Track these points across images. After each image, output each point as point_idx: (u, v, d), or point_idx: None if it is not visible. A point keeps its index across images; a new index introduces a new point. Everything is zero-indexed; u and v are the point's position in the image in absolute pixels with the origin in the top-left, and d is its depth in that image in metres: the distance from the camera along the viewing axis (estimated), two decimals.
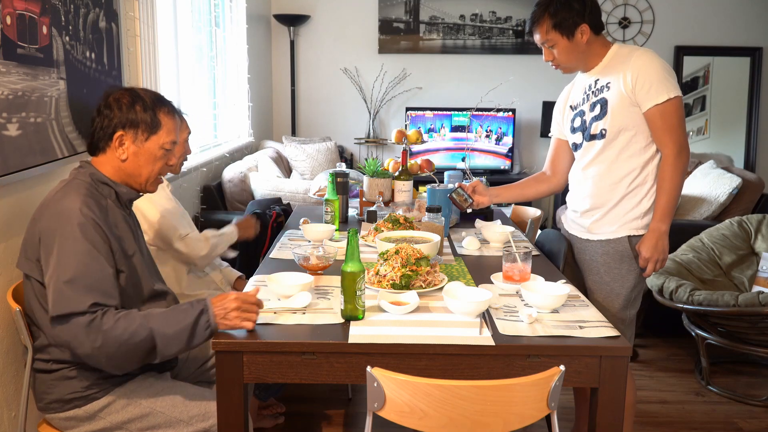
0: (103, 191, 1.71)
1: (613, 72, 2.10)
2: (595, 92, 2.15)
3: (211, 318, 1.55)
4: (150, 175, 1.76)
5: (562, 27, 2.07)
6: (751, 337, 2.95)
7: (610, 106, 2.09)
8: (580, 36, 2.08)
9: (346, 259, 1.62)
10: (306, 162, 4.81)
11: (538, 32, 2.12)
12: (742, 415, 2.82)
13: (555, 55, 2.13)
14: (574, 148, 2.26)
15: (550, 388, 1.39)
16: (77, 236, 1.56)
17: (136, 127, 1.70)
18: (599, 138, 2.13)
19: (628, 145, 2.09)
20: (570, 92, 2.31)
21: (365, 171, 2.98)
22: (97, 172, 1.72)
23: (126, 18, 2.67)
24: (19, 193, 1.94)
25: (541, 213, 3.20)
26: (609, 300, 2.17)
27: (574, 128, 2.24)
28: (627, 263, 2.14)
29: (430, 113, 5.58)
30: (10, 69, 1.82)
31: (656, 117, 2.04)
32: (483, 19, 5.71)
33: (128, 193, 1.75)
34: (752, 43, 5.64)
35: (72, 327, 1.52)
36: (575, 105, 2.25)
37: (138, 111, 1.69)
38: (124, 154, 1.71)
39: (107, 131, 1.70)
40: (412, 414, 1.36)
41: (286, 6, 5.65)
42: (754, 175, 4.17)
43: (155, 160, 1.74)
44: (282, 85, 5.80)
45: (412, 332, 1.58)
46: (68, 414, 1.70)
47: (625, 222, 2.13)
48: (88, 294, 1.53)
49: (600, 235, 2.17)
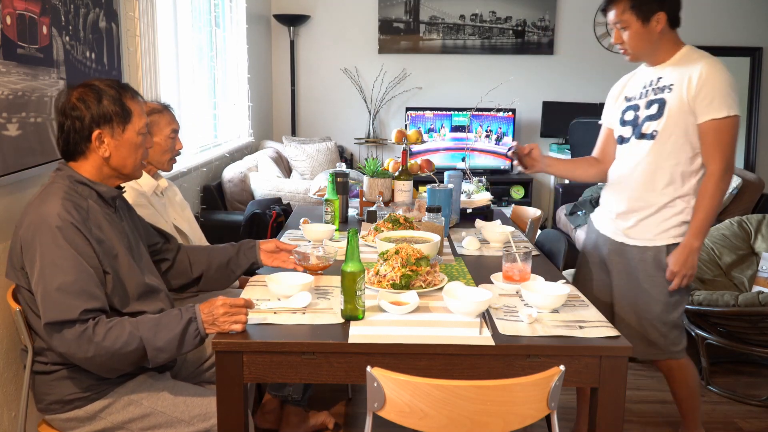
0: (82, 192, 1.66)
1: (678, 74, 2.05)
2: (655, 90, 2.11)
3: (200, 325, 1.56)
4: (135, 164, 1.72)
5: (639, 10, 2.03)
6: (751, 337, 2.95)
7: (667, 109, 2.05)
8: (654, 23, 2.04)
9: (346, 259, 1.62)
10: (306, 162, 4.81)
11: (613, 10, 2.07)
12: (742, 415, 2.82)
13: (625, 39, 2.08)
14: (619, 141, 2.22)
15: (550, 388, 1.39)
16: (59, 242, 1.54)
17: (110, 121, 1.65)
18: (648, 138, 2.09)
19: (675, 152, 2.05)
20: (628, 82, 2.27)
21: (365, 171, 2.98)
22: (75, 173, 1.67)
23: (126, 18, 2.67)
24: (19, 193, 1.94)
25: (541, 213, 3.20)
26: (648, 305, 2.14)
27: (625, 121, 2.20)
28: (663, 270, 2.11)
29: (430, 113, 5.58)
30: (10, 69, 1.82)
31: (710, 131, 2.00)
32: (483, 19, 5.71)
33: (109, 192, 1.71)
34: (752, 43, 5.64)
35: (64, 337, 1.52)
36: (631, 97, 2.21)
37: (106, 104, 1.64)
38: (106, 152, 1.66)
39: (83, 133, 1.64)
40: (412, 414, 1.36)
41: (286, 6, 5.65)
42: (754, 175, 4.17)
43: (136, 147, 1.71)
44: (282, 85, 5.80)
45: (412, 332, 1.58)
46: (69, 415, 1.69)
47: (663, 230, 2.10)
48: (77, 300, 1.52)
49: (637, 241, 2.14)
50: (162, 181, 2.30)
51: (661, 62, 2.11)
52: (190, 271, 2.00)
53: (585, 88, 5.78)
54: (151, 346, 1.54)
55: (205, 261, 2.01)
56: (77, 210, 1.61)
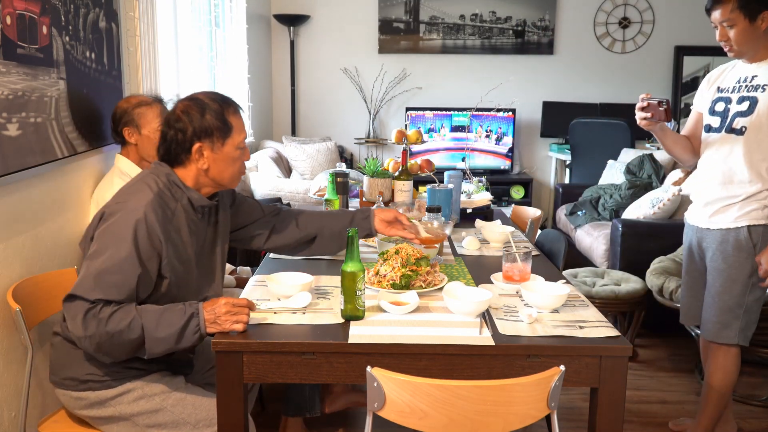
0: (175, 193, 1.72)
1: None
2: (749, 88, 2.19)
3: (201, 322, 1.57)
4: (232, 176, 1.78)
5: (747, 8, 2.09)
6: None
7: (758, 108, 2.13)
8: (761, 22, 2.12)
9: (346, 259, 1.62)
10: (306, 162, 4.81)
11: (720, 9, 2.14)
12: (742, 415, 2.82)
13: (730, 36, 2.15)
14: (706, 129, 2.30)
15: (550, 388, 1.39)
16: (126, 236, 1.59)
17: (211, 135, 1.71)
18: (738, 134, 2.18)
19: (763, 148, 2.15)
20: (724, 72, 2.33)
21: (365, 171, 2.98)
22: (173, 174, 1.73)
23: (126, 18, 2.67)
24: (19, 193, 1.94)
25: (541, 213, 3.20)
26: (727, 285, 2.25)
27: (714, 111, 2.28)
28: (745, 251, 2.21)
29: (430, 113, 5.58)
30: (10, 69, 1.82)
31: None
32: (483, 19, 5.71)
33: (200, 200, 1.75)
34: None
35: (74, 307, 1.55)
36: (724, 88, 2.28)
37: (209, 119, 1.70)
38: (205, 164, 1.72)
39: (184, 145, 1.70)
40: (412, 414, 1.36)
41: (286, 6, 5.65)
42: None
43: (234, 161, 1.76)
44: (282, 85, 5.80)
45: (412, 332, 1.58)
46: (80, 394, 1.71)
47: (745, 212, 2.20)
48: (103, 289, 1.55)
49: (719, 224, 2.25)
50: None
51: (761, 60, 2.19)
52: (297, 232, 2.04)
53: (585, 88, 5.78)
54: (150, 335, 1.56)
55: (317, 226, 2.05)
56: (164, 210, 1.67)
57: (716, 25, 2.19)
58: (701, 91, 2.40)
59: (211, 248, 1.85)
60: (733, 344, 2.30)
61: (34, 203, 2.04)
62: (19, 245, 1.95)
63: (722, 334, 2.29)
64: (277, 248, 2.08)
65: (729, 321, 2.27)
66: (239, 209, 1.99)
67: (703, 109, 2.36)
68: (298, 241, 2.06)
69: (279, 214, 2.07)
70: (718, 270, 2.27)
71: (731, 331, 2.28)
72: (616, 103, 5.64)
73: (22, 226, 1.97)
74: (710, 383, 2.38)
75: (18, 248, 1.94)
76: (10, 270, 1.90)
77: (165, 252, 1.64)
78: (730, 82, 2.27)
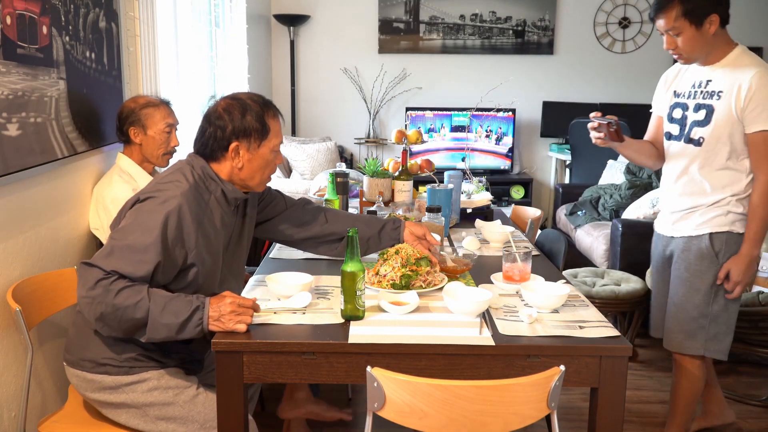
0: (209, 186, 1.75)
1: (729, 80, 2.05)
2: (705, 94, 2.11)
3: (205, 317, 1.57)
4: (262, 178, 1.81)
5: (692, 15, 2.00)
6: (751, 337, 2.94)
7: (715, 118, 2.06)
8: (708, 26, 2.02)
9: (346, 259, 1.62)
10: (306, 162, 4.81)
11: (663, 18, 2.04)
12: (742, 415, 2.82)
13: (678, 44, 2.06)
14: (667, 137, 2.25)
15: (550, 388, 1.39)
16: (156, 225, 1.60)
17: (249, 136, 1.73)
18: (696, 144, 2.12)
19: (722, 158, 2.09)
20: (680, 74, 2.26)
21: (365, 171, 2.98)
22: (208, 167, 1.75)
23: (126, 18, 2.67)
24: (19, 193, 1.94)
25: (541, 213, 3.20)
26: (689, 294, 2.18)
27: (673, 118, 2.23)
28: (707, 259, 2.15)
29: (430, 113, 5.58)
30: (10, 69, 1.82)
31: (759, 142, 2.02)
32: (483, 19, 5.71)
33: (233, 192, 1.78)
34: (752, 43, 5.63)
35: (88, 273, 1.56)
36: (680, 93, 2.22)
37: (249, 120, 1.72)
38: (240, 163, 1.75)
39: (222, 143, 1.73)
40: (412, 414, 1.36)
41: (286, 6, 5.65)
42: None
43: (267, 163, 1.79)
44: (282, 85, 5.80)
45: (412, 332, 1.58)
46: (95, 377, 1.72)
47: (707, 220, 2.15)
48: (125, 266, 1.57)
49: (683, 231, 2.20)
50: None
51: (714, 62, 2.11)
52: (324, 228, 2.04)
53: (585, 88, 5.78)
54: (154, 319, 1.56)
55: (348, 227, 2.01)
56: (198, 201, 1.69)
57: (662, 33, 2.10)
58: (659, 93, 2.33)
59: (237, 241, 1.88)
60: (698, 356, 2.22)
61: (34, 203, 2.03)
62: (19, 245, 1.95)
63: (686, 345, 2.20)
64: (302, 241, 2.07)
65: (693, 331, 2.18)
66: (267, 202, 2.02)
67: (662, 113, 2.30)
68: (326, 238, 2.05)
69: (305, 207, 2.07)
70: (680, 278, 2.20)
71: (696, 341, 2.18)
72: (616, 103, 5.64)
73: (22, 226, 1.97)
74: (677, 393, 2.32)
75: (18, 248, 1.94)
76: (10, 270, 1.90)
77: (195, 242, 1.66)
78: (686, 86, 2.20)
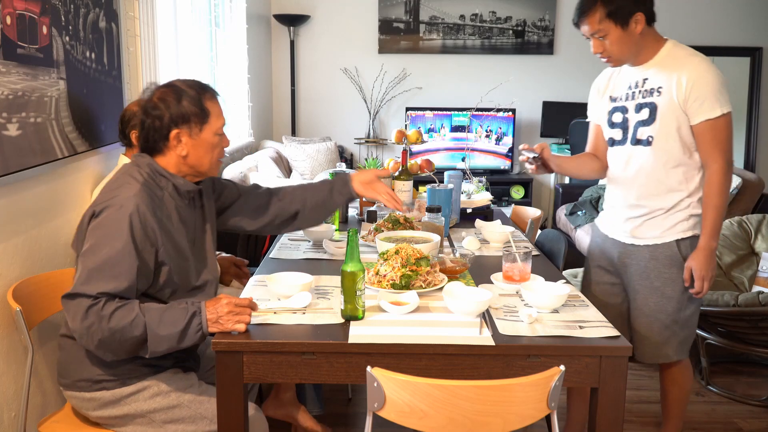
0: (160, 183, 1.73)
1: (666, 75, 2.01)
2: (644, 93, 2.06)
3: (204, 322, 1.57)
4: (211, 162, 1.78)
5: (616, 15, 1.94)
6: (751, 337, 2.95)
7: (659, 114, 2.02)
8: (634, 25, 1.96)
9: (346, 259, 1.62)
10: (306, 162, 4.81)
11: (587, 23, 1.99)
12: (742, 415, 2.82)
13: (606, 47, 2.01)
14: (610, 143, 2.18)
15: (550, 388, 1.39)
16: (122, 228, 1.58)
17: (188, 121, 1.71)
18: (645, 144, 2.06)
19: (674, 154, 2.03)
20: (611, 79, 2.20)
21: None
22: (156, 164, 1.73)
23: (126, 18, 2.67)
24: (19, 193, 1.94)
25: (541, 213, 3.20)
26: (662, 304, 2.12)
27: (613, 123, 2.16)
28: (677, 266, 2.09)
29: (430, 113, 5.58)
30: (10, 69, 1.82)
31: (706, 132, 1.98)
32: (483, 19, 5.71)
33: (185, 185, 1.76)
34: (752, 43, 5.64)
35: (75, 305, 1.54)
36: (616, 97, 2.15)
37: (185, 105, 1.70)
38: (183, 151, 1.72)
39: (162, 132, 1.70)
40: (412, 414, 1.36)
41: (286, 6, 5.65)
42: (754, 175, 4.17)
43: (213, 147, 1.76)
44: (282, 85, 5.80)
45: (412, 332, 1.58)
46: (93, 395, 1.71)
47: (671, 225, 2.08)
48: (103, 282, 1.55)
49: (646, 240, 2.12)
50: None
51: (645, 61, 2.06)
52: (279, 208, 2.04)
53: (585, 88, 5.69)
54: (153, 333, 1.55)
55: (299, 200, 2.04)
56: (152, 199, 1.67)
57: (588, 38, 2.03)
58: (593, 102, 2.26)
59: (201, 233, 1.85)
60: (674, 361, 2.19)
61: (34, 203, 2.03)
62: (19, 245, 1.95)
63: (661, 354, 2.16)
64: (262, 227, 2.06)
65: (666, 339, 2.14)
66: (220, 191, 2.00)
67: (600, 122, 2.22)
68: (281, 217, 2.05)
69: (257, 193, 2.06)
70: (650, 288, 2.12)
71: (669, 348, 2.15)
72: None
73: (22, 226, 1.97)
74: (666, 400, 2.29)
75: (18, 248, 1.94)
76: (10, 270, 1.90)
77: (160, 240, 1.64)
78: (622, 90, 2.13)
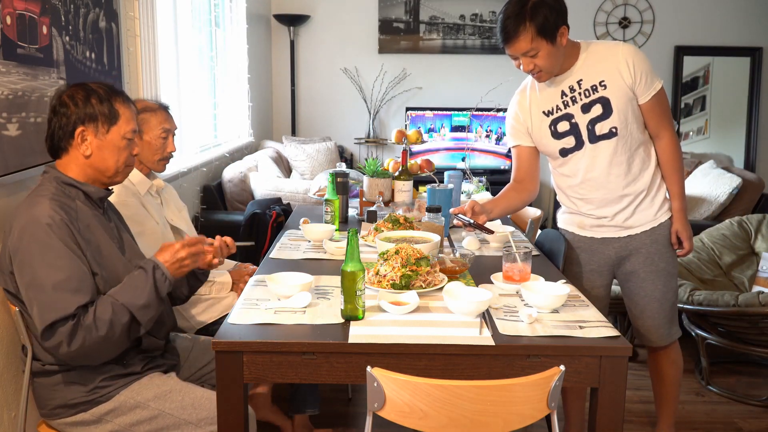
0: (70, 193, 1.67)
1: (602, 68, 2.06)
2: (586, 93, 2.08)
3: (165, 270, 1.62)
4: (117, 167, 1.73)
5: (545, 32, 1.95)
6: (751, 337, 2.95)
7: (614, 104, 2.06)
8: (560, 38, 1.99)
9: (346, 259, 1.62)
10: (306, 162, 4.81)
11: (519, 43, 1.97)
12: (742, 415, 2.82)
13: (536, 63, 2.01)
14: (563, 154, 2.16)
15: (550, 388, 1.39)
16: (51, 242, 1.55)
17: (95, 120, 1.67)
18: (610, 137, 2.08)
19: (636, 136, 2.11)
20: (531, 97, 2.19)
21: (365, 171, 2.98)
22: (62, 175, 1.68)
23: (126, 18, 2.67)
24: (19, 193, 1.94)
25: (541, 213, 3.20)
26: (670, 283, 2.22)
27: (560, 133, 2.14)
28: (671, 244, 2.22)
29: (430, 113, 5.58)
30: (10, 69, 1.82)
31: (656, 105, 2.10)
32: (483, 19, 5.71)
33: (97, 192, 1.72)
34: (752, 43, 5.64)
35: (57, 335, 1.52)
36: (551, 110, 2.14)
37: (94, 104, 1.67)
38: (87, 150, 1.67)
39: (67, 129, 1.66)
40: (412, 414, 1.36)
41: (286, 6, 5.65)
42: (754, 175, 4.17)
43: (119, 150, 1.71)
44: (282, 85, 5.80)
45: (412, 332, 1.58)
46: (75, 419, 1.70)
47: (659, 205, 2.18)
48: (75, 296, 1.53)
49: (643, 226, 2.18)
50: (157, 181, 2.30)
51: (569, 67, 2.09)
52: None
53: None
54: (135, 308, 1.58)
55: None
56: (66, 210, 1.62)
57: (517, 58, 2.03)
58: (516, 129, 2.24)
59: (120, 239, 1.80)
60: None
61: None
62: None
63: (673, 332, 2.26)
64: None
65: (673, 316, 2.26)
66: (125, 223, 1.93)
67: (539, 141, 2.20)
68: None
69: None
70: (657, 271, 2.18)
71: (674, 325, 2.27)
72: None
73: None
74: (666, 382, 2.32)
75: None
76: None
77: (84, 248, 1.62)
78: (555, 101, 2.12)
